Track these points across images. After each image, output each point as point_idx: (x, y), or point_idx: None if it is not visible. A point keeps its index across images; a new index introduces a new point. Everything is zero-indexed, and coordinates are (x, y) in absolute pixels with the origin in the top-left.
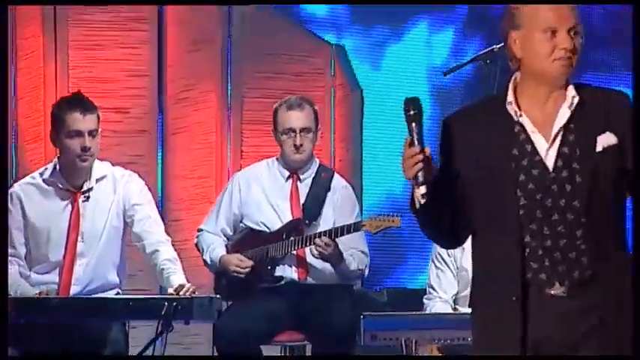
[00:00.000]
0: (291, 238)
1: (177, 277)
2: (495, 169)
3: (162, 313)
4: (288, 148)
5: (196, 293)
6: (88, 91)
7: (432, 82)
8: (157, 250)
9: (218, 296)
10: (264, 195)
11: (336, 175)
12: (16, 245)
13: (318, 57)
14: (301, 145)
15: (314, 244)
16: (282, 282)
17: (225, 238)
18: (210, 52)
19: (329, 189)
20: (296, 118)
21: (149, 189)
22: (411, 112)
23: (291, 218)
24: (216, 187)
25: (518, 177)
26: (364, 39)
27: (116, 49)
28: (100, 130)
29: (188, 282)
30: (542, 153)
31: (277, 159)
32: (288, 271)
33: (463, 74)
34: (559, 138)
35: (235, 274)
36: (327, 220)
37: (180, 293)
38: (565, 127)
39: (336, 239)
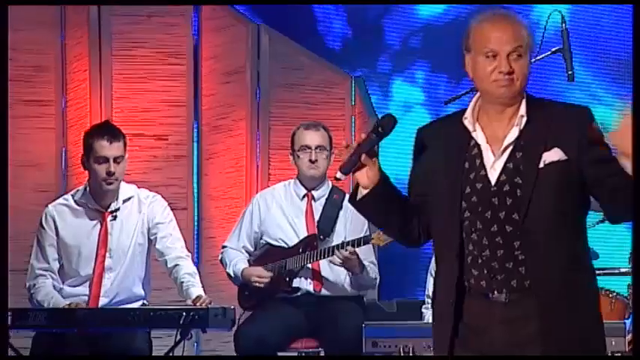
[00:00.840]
0: (307, 252)
1: (195, 290)
2: (448, 180)
3: (181, 322)
4: (304, 165)
5: (212, 304)
6: (130, 119)
7: (434, 112)
8: (178, 265)
9: (232, 307)
10: (282, 213)
11: (348, 196)
12: (49, 260)
13: (339, 87)
14: (316, 160)
15: (339, 254)
16: (299, 293)
17: (246, 254)
18: (240, 84)
19: (341, 207)
20: (311, 137)
21: (185, 209)
22: (379, 130)
23: (306, 234)
24: (246, 207)
25: (465, 189)
26: (372, 72)
27: (156, 81)
28: (126, 156)
29: (205, 294)
30: (489, 167)
31: (294, 180)
32: (304, 283)
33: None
34: (506, 154)
35: (256, 286)
36: (339, 236)
37: (198, 304)
38: (513, 144)
39: None
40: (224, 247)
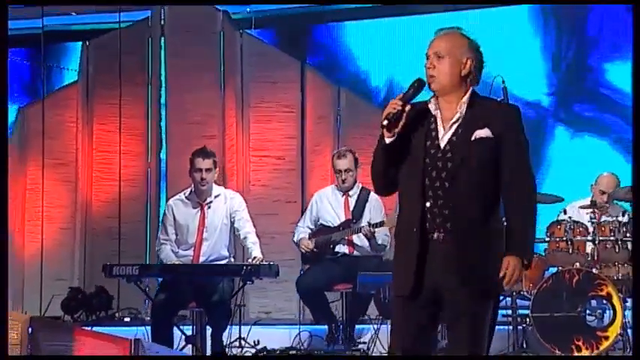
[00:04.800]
0: (344, 230)
1: (255, 252)
2: (415, 146)
3: (242, 273)
4: (339, 182)
5: (263, 262)
6: (261, 146)
7: None
8: (246, 237)
9: (276, 263)
10: (330, 205)
11: (372, 193)
12: (169, 234)
13: None
14: (345, 180)
15: (362, 231)
16: (339, 255)
17: (309, 230)
18: (327, 124)
19: (367, 201)
20: (340, 164)
21: (295, 202)
22: (416, 85)
23: (344, 219)
24: (310, 200)
25: (424, 154)
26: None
27: (277, 122)
28: (216, 169)
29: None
30: (440, 139)
31: (337, 185)
32: (342, 249)
33: None
34: (452, 129)
35: (311, 250)
36: (365, 219)
37: (253, 262)
38: (457, 122)
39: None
40: (296, 225)
